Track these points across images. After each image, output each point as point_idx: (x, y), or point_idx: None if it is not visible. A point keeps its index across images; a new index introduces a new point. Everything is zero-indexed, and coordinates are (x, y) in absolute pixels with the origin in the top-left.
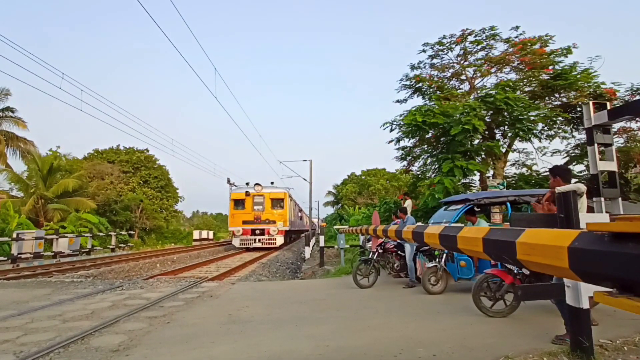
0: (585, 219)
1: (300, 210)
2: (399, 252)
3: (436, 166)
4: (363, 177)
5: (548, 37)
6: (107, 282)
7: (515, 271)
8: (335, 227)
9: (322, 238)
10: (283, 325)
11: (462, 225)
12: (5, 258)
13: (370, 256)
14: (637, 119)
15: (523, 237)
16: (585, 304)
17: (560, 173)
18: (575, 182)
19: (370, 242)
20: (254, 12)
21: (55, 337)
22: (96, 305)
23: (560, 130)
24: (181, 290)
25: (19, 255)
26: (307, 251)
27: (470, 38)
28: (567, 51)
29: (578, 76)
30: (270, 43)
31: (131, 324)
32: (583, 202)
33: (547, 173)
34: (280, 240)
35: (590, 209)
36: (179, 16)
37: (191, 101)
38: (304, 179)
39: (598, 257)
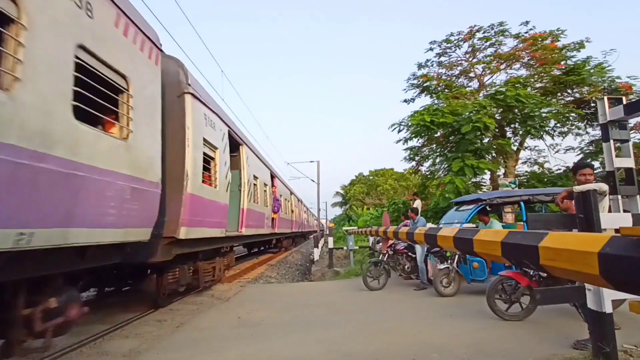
0: (605, 219)
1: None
2: (409, 254)
3: (446, 165)
4: (371, 178)
5: (559, 32)
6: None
7: (532, 273)
8: (344, 228)
9: (330, 239)
10: (293, 329)
11: (476, 225)
12: None
13: (380, 258)
14: None
15: (546, 242)
16: (608, 308)
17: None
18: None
19: (380, 244)
20: (261, 12)
21: (67, 340)
22: (107, 309)
23: (573, 127)
24: (191, 293)
25: None
26: (316, 253)
27: (479, 35)
28: (580, 45)
29: (591, 71)
30: (276, 41)
31: (142, 327)
32: (605, 202)
33: (560, 170)
34: None
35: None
36: (185, 18)
37: None
38: (312, 180)
39: (633, 264)
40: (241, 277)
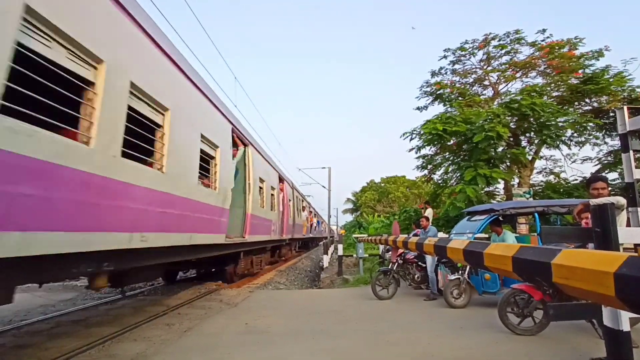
0: (623, 234)
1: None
2: (419, 263)
3: (458, 174)
4: (382, 185)
5: (577, 40)
6: (129, 287)
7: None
8: (354, 235)
9: (340, 246)
10: (300, 337)
11: (488, 236)
12: None
13: (389, 267)
14: None
15: (560, 259)
16: (626, 326)
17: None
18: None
19: (390, 252)
20: (273, 14)
21: (77, 342)
22: (118, 311)
23: (591, 137)
24: (199, 297)
25: None
26: (326, 260)
27: (494, 42)
28: (599, 54)
29: (610, 80)
30: (289, 47)
31: (150, 331)
32: (622, 216)
33: (577, 181)
34: None
35: (627, 221)
36: (199, 24)
37: None
38: (323, 187)
39: None
40: (250, 282)
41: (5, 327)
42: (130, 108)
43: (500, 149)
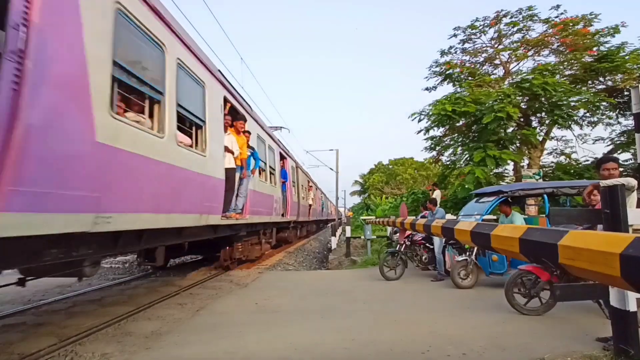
0: (633, 215)
1: None
2: (427, 245)
3: (467, 155)
4: (390, 167)
5: (593, 16)
6: (142, 269)
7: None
8: (361, 217)
9: (348, 228)
10: (309, 316)
11: (496, 217)
12: None
13: (397, 248)
14: None
15: (566, 240)
16: (632, 306)
17: None
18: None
19: (398, 234)
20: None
21: (94, 321)
22: (132, 291)
23: (604, 116)
24: (210, 278)
25: None
26: (334, 241)
27: (506, 20)
28: (615, 30)
29: (626, 57)
30: (297, 27)
31: (163, 310)
32: (633, 197)
33: (588, 162)
34: None
35: (638, 201)
36: (203, 3)
37: None
38: (331, 169)
39: None
40: (259, 263)
41: (25, 306)
42: None
43: (510, 129)
